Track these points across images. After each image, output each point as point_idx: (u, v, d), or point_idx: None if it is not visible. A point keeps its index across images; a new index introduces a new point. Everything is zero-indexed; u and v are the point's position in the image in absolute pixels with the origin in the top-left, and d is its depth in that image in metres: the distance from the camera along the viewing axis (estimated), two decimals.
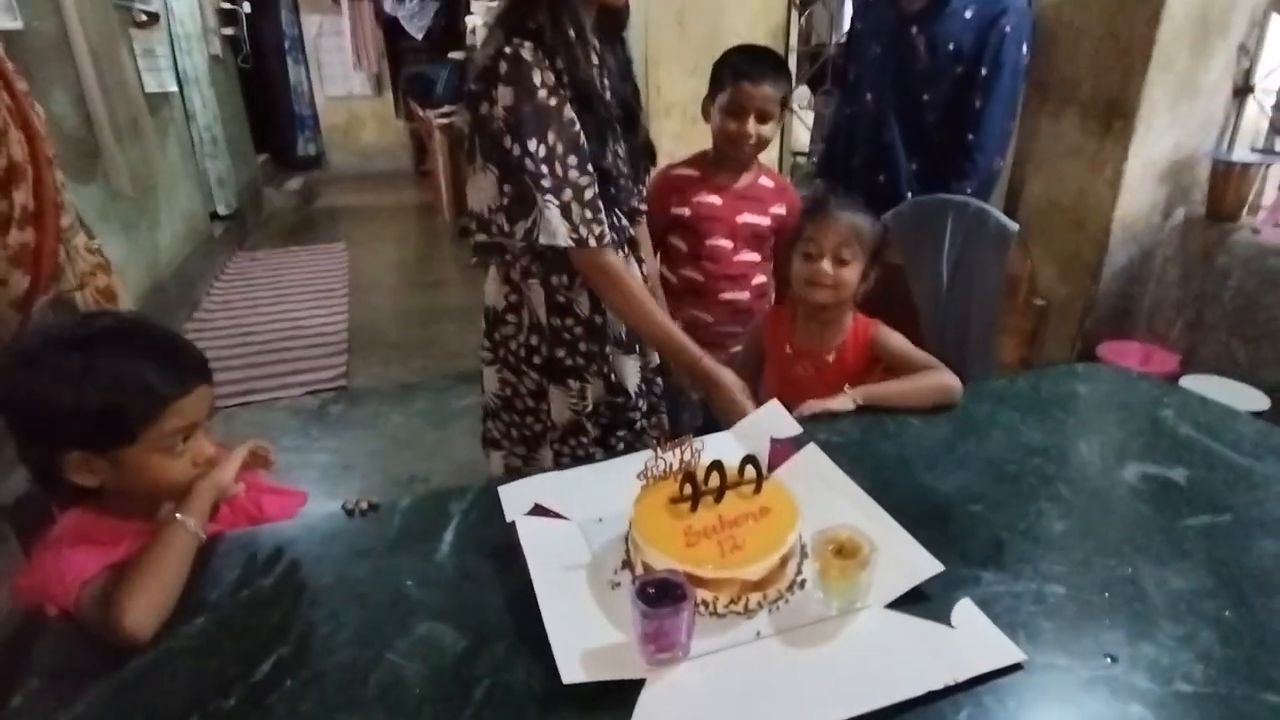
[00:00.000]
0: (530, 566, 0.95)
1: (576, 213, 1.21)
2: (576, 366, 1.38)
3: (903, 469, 1.17)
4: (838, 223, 1.37)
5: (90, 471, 0.95)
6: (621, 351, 1.40)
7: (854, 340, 1.41)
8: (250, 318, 4.21)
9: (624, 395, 1.42)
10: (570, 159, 1.20)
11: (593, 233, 1.23)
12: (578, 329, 1.36)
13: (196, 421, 1.00)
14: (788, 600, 0.91)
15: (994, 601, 0.90)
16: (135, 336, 0.99)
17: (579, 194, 1.21)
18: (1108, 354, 1.98)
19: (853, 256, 1.37)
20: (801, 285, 1.40)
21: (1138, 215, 2.04)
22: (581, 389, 1.40)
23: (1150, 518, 1.06)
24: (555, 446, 1.44)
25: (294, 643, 0.87)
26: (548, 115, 1.18)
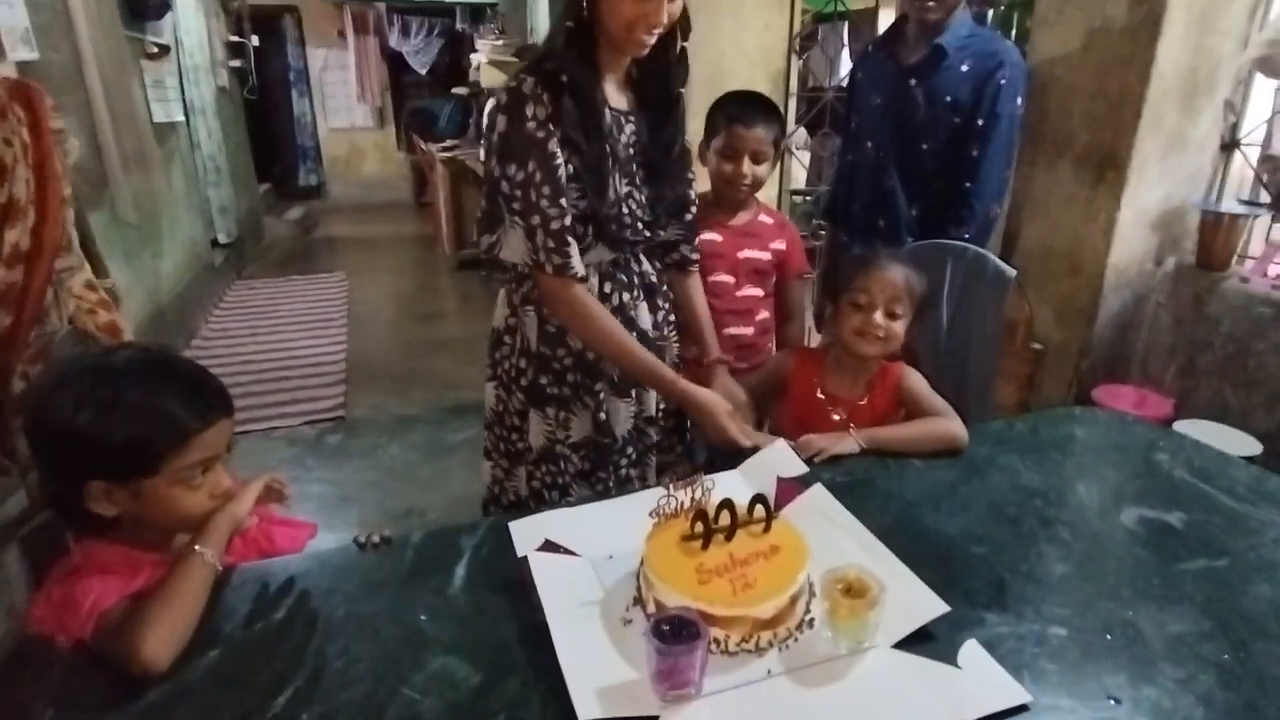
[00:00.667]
0: (544, 602, 0.97)
1: (540, 239, 1.26)
2: (561, 396, 1.41)
3: (906, 510, 1.19)
4: (893, 275, 1.39)
5: (110, 501, 0.96)
6: (613, 393, 1.42)
7: (883, 384, 1.44)
8: (248, 346, 4.20)
9: (610, 438, 1.44)
10: (544, 189, 1.24)
11: (551, 261, 1.27)
12: (568, 360, 1.39)
13: (217, 454, 1.02)
14: (797, 639, 0.92)
15: (998, 642, 0.92)
16: (162, 369, 1.01)
17: (545, 223, 1.26)
18: (1103, 397, 2.01)
19: (903, 311, 1.39)
20: (849, 335, 1.41)
21: (1131, 262, 2.10)
22: (565, 419, 1.42)
23: (1148, 561, 1.08)
24: (529, 468, 1.46)
25: (309, 676, 0.88)
26: (531, 146, 1.24)
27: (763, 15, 3.51)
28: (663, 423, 1.52)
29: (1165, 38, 1.93)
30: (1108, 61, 2.03)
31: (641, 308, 1.43)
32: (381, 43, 7.73)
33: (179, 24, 4.37)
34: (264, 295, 5.05)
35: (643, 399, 1.46)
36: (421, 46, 7.65)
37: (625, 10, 1.21)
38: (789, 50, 3.60)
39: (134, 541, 1.01)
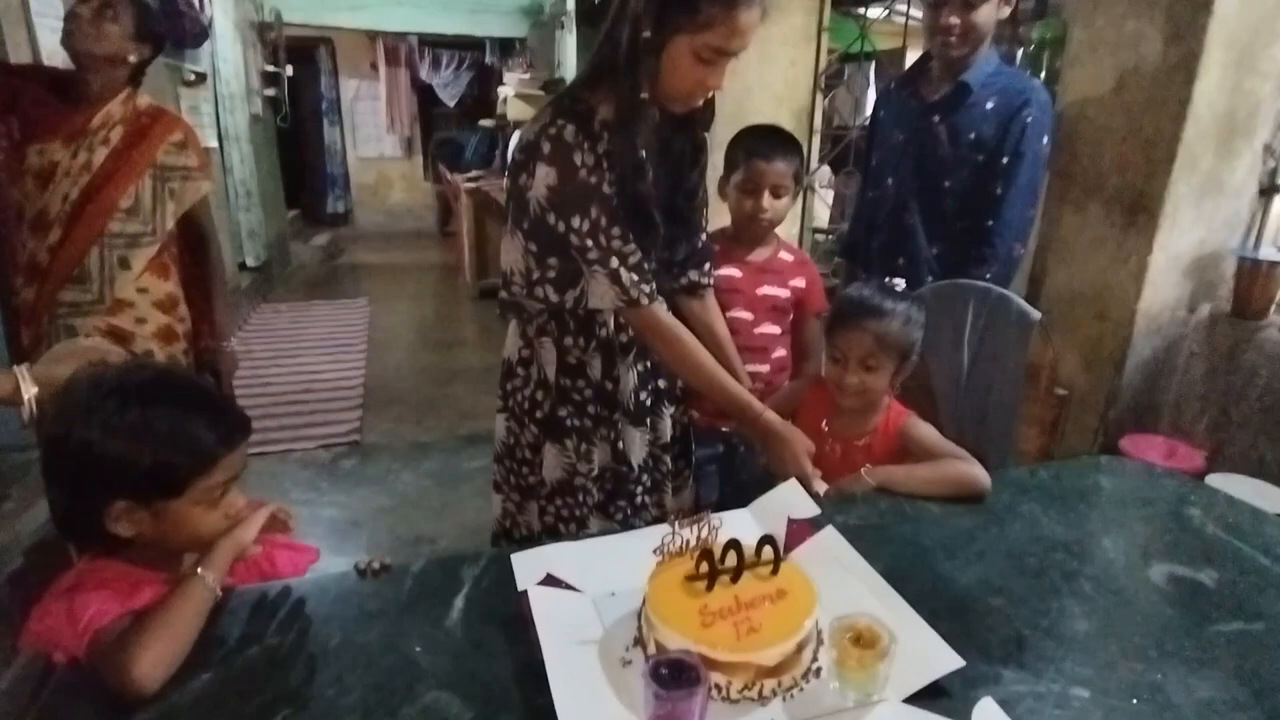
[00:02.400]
0: (541, 639, 0.94)
1: (625, 277, 1.26)
2: (583, 428, 1.39)
3: (921, 557, 1.15)
4: (864, 334, 1.37)
5: (131, 522, 0.96)
6: (629, 422, 1.41)
7: (885, 428, 1.41)
8: (270, 368, 4.25)
9: (627, 466, 1.42)
10: (614, 230, 1.25)
11: (643, 292, 1.28)
12: (588, 391, 1.38)
13: (236, 475, 1.03)
14: (803, 688, 0.88)
15: (1015, 702, 0.87)
16: (187, 392, 1.02)
17: (625, 260, 1.26)
18: (1131, 448, 1.95)
19: (879, 364, 1.37)
20: (831, 385, 1.42)
21: (1162, 308, 2.04)
22: (587, 451, 1.40)
23: (1178, 621, 1.03)
24: (541, 503, 1.44)
25: (299, 704, 0.85)
26: (589, 192, 1.23)
27: (789, 52, 3.54)
28: (674, 449, 1.50)
29: (1202, 79, 1.89)
30: (1141, 102, 2.00)
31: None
32: (412, 75, 7.91)
33: (216, 52, 4.50)
34: (287, 319, 5.12)
35: (657, 427, 1.44)
36: (451, 79, 7.82)
37: (689, 80, 1.22)
38: (814, 87, 3.62)
39: (138, 560, 1.01)
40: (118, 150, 1.73)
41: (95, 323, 1.75)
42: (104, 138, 1.72)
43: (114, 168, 1.73)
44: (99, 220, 1.72)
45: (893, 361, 1.38)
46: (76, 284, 1.73)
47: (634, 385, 1.39)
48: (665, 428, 1.46)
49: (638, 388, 1.39)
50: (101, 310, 1.76)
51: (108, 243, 1.74)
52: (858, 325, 1.37)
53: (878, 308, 1.37)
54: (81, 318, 1.75)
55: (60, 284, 1.71)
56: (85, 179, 1.70)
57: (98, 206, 1.71)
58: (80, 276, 1.73)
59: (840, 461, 1.40)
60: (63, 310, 1.74)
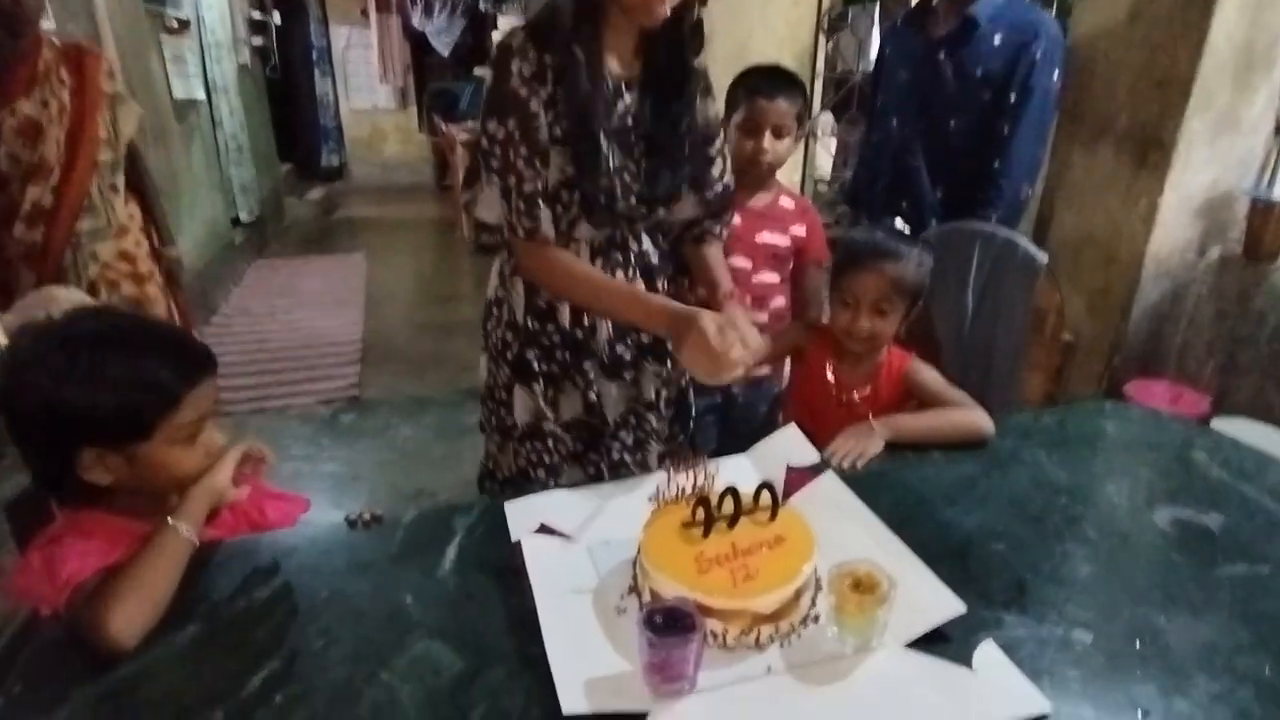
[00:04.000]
0: (534, 588, 0.92)
1: (513, 201, 1.21)
2: (550, 374, 1.35)
3: (922, 503, 1.13)
4: (879, 276, 1.32)
5: (105, 469, 0.94)
6: (604, 375, 1.36)
7: (888, 374, 1.38)
8: (267, 324, 4.21)
9: (601, 420, 1.38)
10: (522, 149, 1.19)
11: (521, 224, 1.21)
12: (556, 336, 1.33)
13: (207, 412, 1.00)
14: (800, 635, 0.87)
15: (1017, 646, 0.86)
16: (139, 333, 0.99)
17: (519, 184, 1.20)
18: (1135, 393, 1.92)
19: (891, 307, 1.33)
20: (839, 331, 1.37)
21: (1172, 251, 1.99)
22: (555, 398, 1.36)
23: (1182, 565, 1.01)
24: (515, 445, 1.41)
25: (286, 657, 0.84)
26: (515, 102, 1.18)
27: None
28: (664, 410, 1.45)
29: (1220, 10, 1.81)
30: (1156, 36, 1.91)
31: (638, 286, 1.35)
32: (404, 22, 7.68)
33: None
34: (283, 275, 5.06)
35: (640, 382, 1.40)
36: (444, 27, 7.59)
37: None
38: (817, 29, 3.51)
39: (127, 510, 0.99)
40: (74, 88, 1.77)
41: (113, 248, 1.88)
42: (59, 77, 1.76)
43: (81, 102, 1.78)
44: (92, 150, 1.78)
45: (904, 305, 1.34)
46: (88, 214, 1.82)
47: (609, 336, 1.33)
48: (648, 385, 1.40)
49: (613, 339, 1.34)
50: (112, 234, 1.88)
51: (100, 170, 1.81)
52: (872, 268, 1.32)
53: (893, 250, 1.33)
54: (100, 243, 1.85)
55: (74, 216, 1.79)
56: (67, 119, 1.75)
57: (88, 137, 1.77)
58: (89, 206, 1.81)
59: (847, 411, 1.37)
60: (84, 239, 1.83)
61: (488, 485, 1.50)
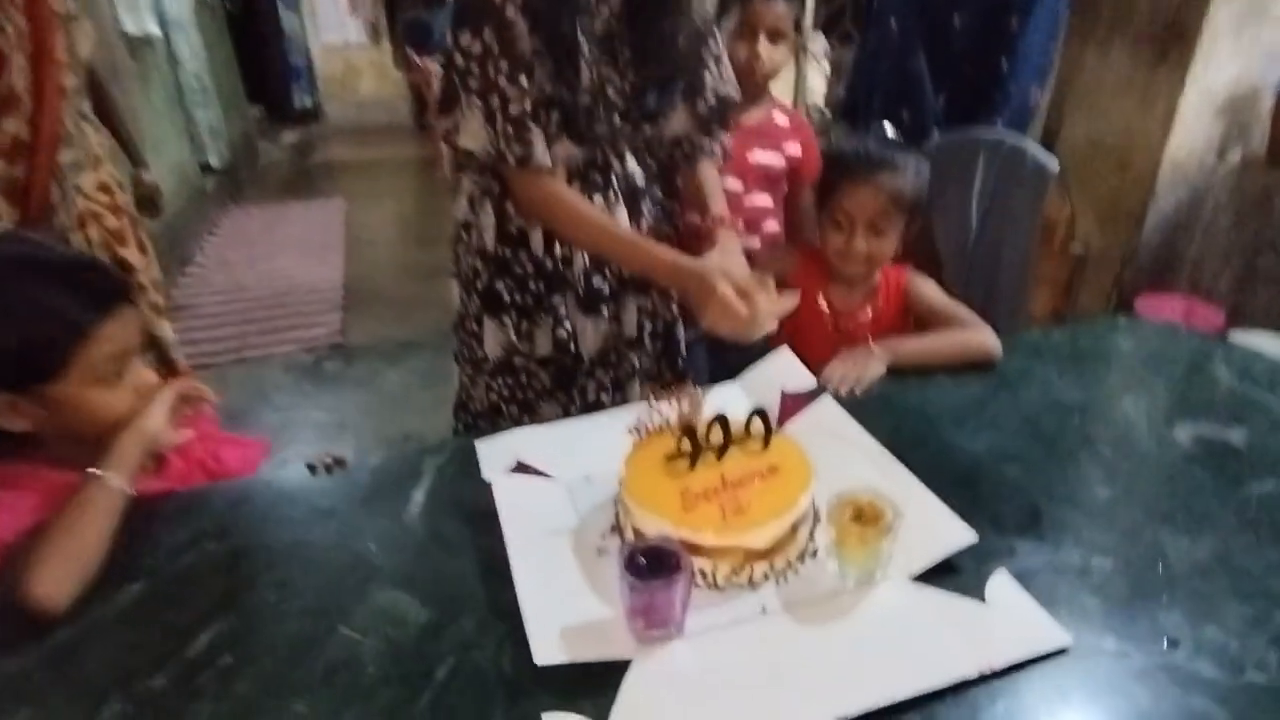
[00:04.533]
0: (505, 531, 0.85)
1: (499, 124, 1.10)
2: (523, 306, 1.26)
3: (927, 426, 1.05)
4: (875, 191, 1.20)
5: (18, 414, 0.86)
6: (580, 309, 1.26)
7: (886, 292, 1.28)
8: (245, 273, 4.10)
9: (575, 358, 1.29)
10: (503, 64, 1.07)
11: (512, 151, 1.10)
12: (529, 265, 1.24)
13: (127, 347, 0.91)
14: (797, 571, 0.80)
15: (1031, 575, 0.79)
16: (38, 262, 0.89)
17: (504, 105, 1.09)
18: (1147, 308, 1.84)
19: (889, 225, 1.21)
20: (832, 254, 1.27)
21: (1190, 155, 1.86)
22: (529, 331, 1.27)
23: (1207, 484, 0.94)
24: (487, 379, 1.33)
25: (237, 613, 0.77)
26: (489, 12, 1.06)
27: None
28: (650, 346, 1.36)
29: None
30: None
31: (620, 213, 1.25)
32: None
33: None
34: (260, 221, 4.90)
35: (620, 318, 1.30)
36: None
37: None
38: None
39: (60, 461, 0.90)
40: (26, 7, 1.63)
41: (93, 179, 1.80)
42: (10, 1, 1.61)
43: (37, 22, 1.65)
44: (57, 75, 1.67)
45: (902, 221, 1.23)
46: (66, 145, 1.74)
47: (585, 267, 1.24)
48: (630, 320, 1.31)
49: (590, 270, 1.24)
50: (89, 165, 1.80)
51: (68, 96, 1.71)
52: (865, 182, 1.21)
53: (887, 160, 1.21)
54: (81, 174, 1.78)
55: (53, 148, 1.70)
56: (28, 43, 1.64)
57: (51, 61, 1.66)
58: (67, 137, 1.74)
59: (843, 340, 1.27)
60: (67, 171, 1.75)
61: (461, 416, 1.42)
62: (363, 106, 7.80)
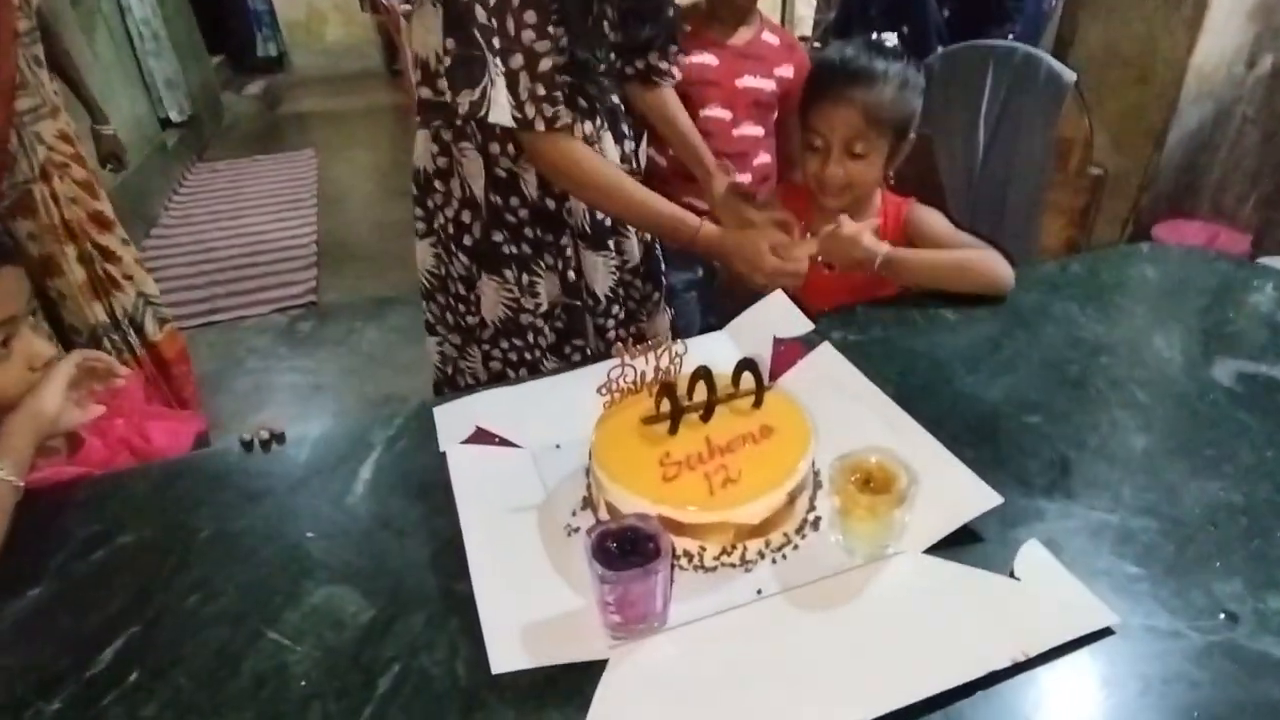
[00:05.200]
0: (460, 510, 0.74)
1: (524, 84, 0.96)
2: (522, 256, 1.14)
3: (937, 372, 0.94)
4: (848, 107, 1.05)
5: None
6: (587, 246, 1.16)
7: (885, 226, 1.14)
8: (212, 233, 3.95)
9: (590, 298, 1.19)
10: (528, 15, 0.93)
11: (542, 113, 0.98)
12: (523, 211, 1.12)
13: (12, 314, 0.80)
14: (796, 546, 0.70)
15: (1064, 542, 0.69)
16: None
17: (532, 63, 0.95)
18: (1166, 235, 1.72)
19: (869, 147, 1.06)
20: (810, 182, 1.13)
21: (1218, 65, 1.69)
22: (531, 284, 1.16)
23: (1255, 427, 0.83)
24: (485, 347, 1.21)
25: (150, 620, 0.67)
26: None
27: None
28: (654, 267, 1.28)
29: None
30: None
31: (606, 139, 1.15)
32: None
33: None
34: (227, 177, 4.71)
35: (623, 248, 1.19)
36: None
37: None
38: None
39: None
40: None
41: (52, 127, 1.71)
42: None
43: None
44: (8, 17, 1.58)
45: (886, 142, 1.08)
46: (23, 91, 1.65)
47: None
48: (633, 248, 1.22)
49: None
50: (49, 113, 1.71)
51: (21, 40, 1.63)
52: (840, 97, 1.05)
53: (865, 70, 1.05)
54: (41, 123, 1.69)
55: (10, 94, 1.62)
56: None
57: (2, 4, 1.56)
58: (23, 83, 1.65)
59: (835, 281, 1.15)
60: (26, 119, 1.66)
61: (447, 393, 1.30)
62: (330, 53, 7.46)
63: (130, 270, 1.94)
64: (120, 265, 1.90)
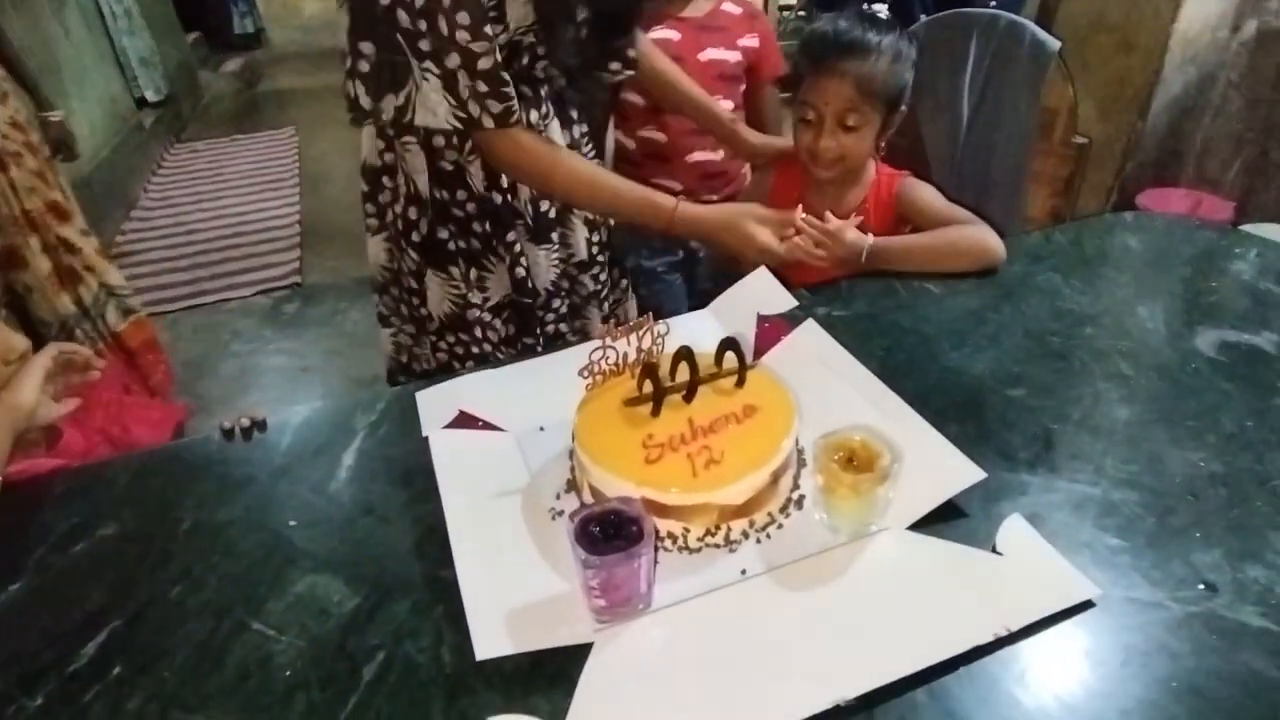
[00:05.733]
0: (443, 495, 0.73)
1: (464, 84, 0.92)
2: (470, 251, 1.11)
3: (922, 347, 0.94)
4: (842, 81, 1.04)
5: None
6: (532, 241, 1.13)
7: (877, 200, 1.13)
8: (193, 214, 3.89)
9: (534, 295, 1.16)
10: (460, 17, 0.89)
11: (488, 110, 0.94)
12: (470, 205, 1.08)
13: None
14: (781, 525, 0.70)
15: (1047, 515, 0.69)
16: None
17: (469, 61, 0.91)
18: (1150, 203, 1.71)
19: (862, 120, 1.06)
20: (803, 154, 1.12)
21: (1202, 30, 1.68)
22: (480, 278, 1.13)
23: (1237, 397, 0.84)
24: (433, 339, 1.19)
25: (132, 613, 0.66)
26: None
27: None
28: (601, 261, 1.23)
29: None
30: None
31: (553, 127, 1.10)
32: None
33: None
34: (207, 158, 4.63)
35: (569, 241, 1.16)
36: None
37: None
38: None
39: None
40: None
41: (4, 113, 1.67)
42: None
43: None
44: None
45: (879, 114, 1.07)
46: None
47: (531, 194, 1.10)
48: (579, 242, 1.18)
49: (535, 197, 1.10)
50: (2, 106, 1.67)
51: None
52: (834, 70, 1.04)
53: (859, 42, 1.04)
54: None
55: None
56: None
57: None
58: None
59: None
60: None
61: (402, 380, 1.28)
62: (309, 29, 7.31)
63: (91, 261, 1.88)
64: (80, 257, 1.84)
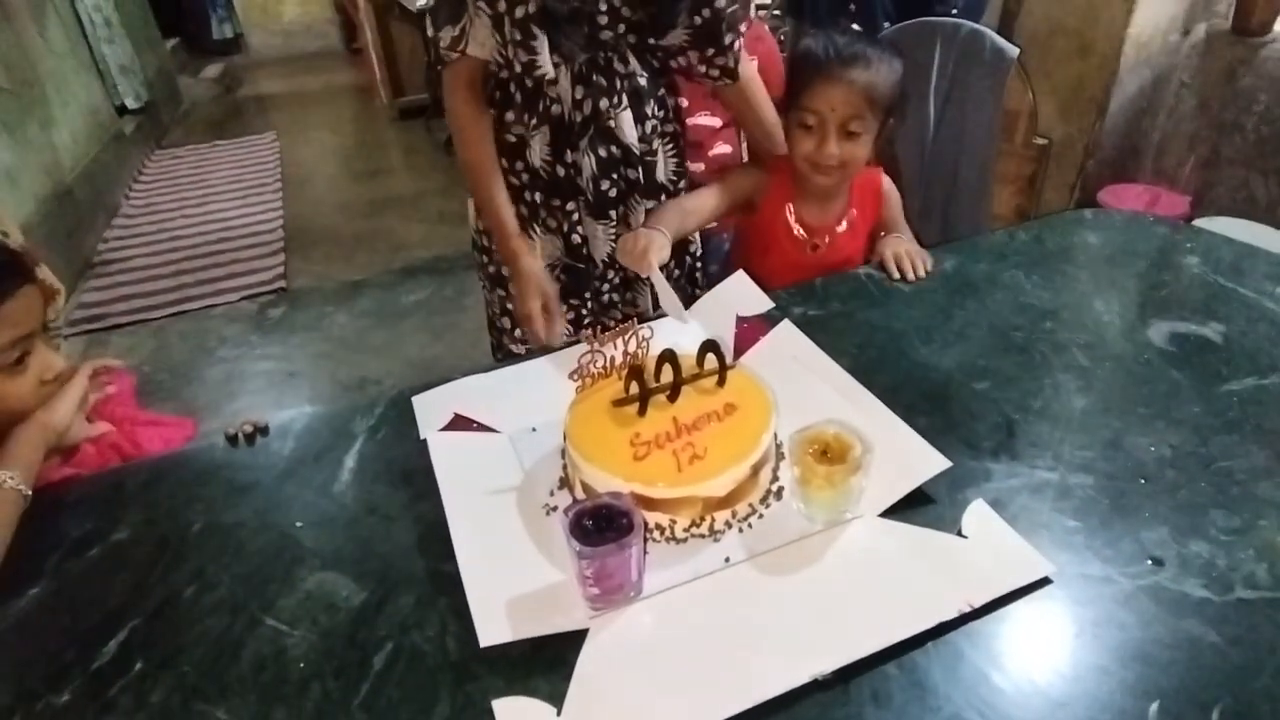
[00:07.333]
0: (443, 494, 0.78)
1: (507, 31, 1.01)
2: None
3: (893, 343, 0.99)
4: (847, 88, 1.08)
5: None
6: (590, 215, 1.20)
7: (862, 198, 1.18)
8: (176, 221, 3.87)
9: (588, 262, 1.24)
10: None
11: (518, 60, 1.05)
12: (525, 175, 1.18)
13: (30, 330, 0.81)
14: (761, 515, 0.74)
15: (1009, 500, 0.75)
16: None
17: (511, 8, 1.00)
18: (1111, 199, 1.78)
19: (864, 127, 1.10)
20: (801, 162, 1.15)
21: (1154, 34, 1.75)
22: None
23: (1186, 385, 0.89)
24: (501, 295, 1.30)
25: (150, 612, 0.70)
26: None
27: None
28: None
29: None
30: None
31: (624, 117, 1.14)
32: None
33: None
34: (189, 164, 4.61)
35: (628, 219, 1.22)
36: None
37: None
38: None
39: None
40: None
41: None
42: None
43: None
44: None
45: (878, 122, 1.12)
46: None
47: (593, 172, 1.15)
48: (638, 222, 1.22)
49: (597, 175, 1.16)
50: None
51: None
52: (838, 78, 1.08)
53: (860, 54, 1.08)
54: None
55: None
56: None
57: None
58: None
59: (817, 260, 1.18)
60: None
61: (493, 334, 1.41)
62: (288, 34, 7.28)
63: None
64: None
